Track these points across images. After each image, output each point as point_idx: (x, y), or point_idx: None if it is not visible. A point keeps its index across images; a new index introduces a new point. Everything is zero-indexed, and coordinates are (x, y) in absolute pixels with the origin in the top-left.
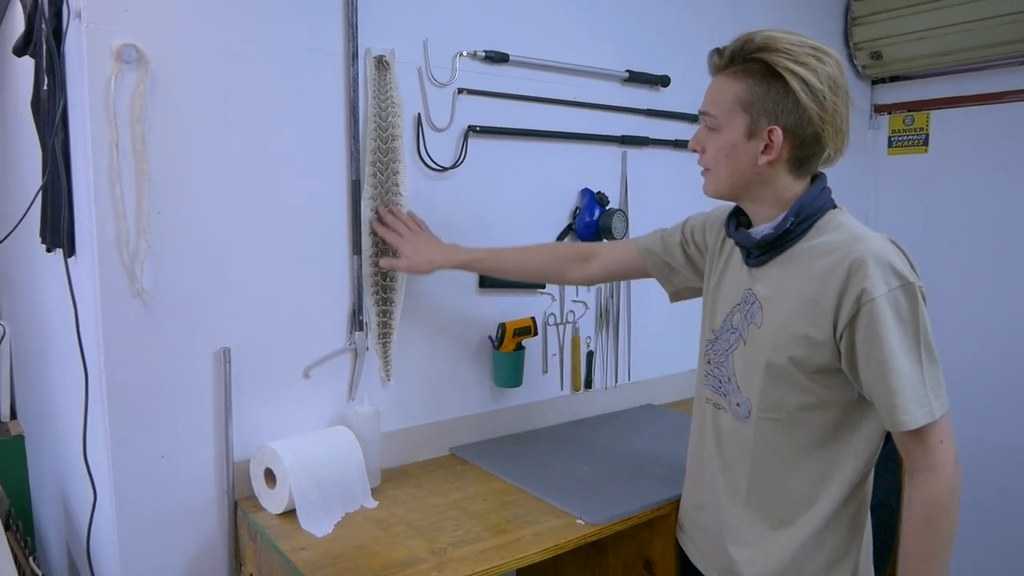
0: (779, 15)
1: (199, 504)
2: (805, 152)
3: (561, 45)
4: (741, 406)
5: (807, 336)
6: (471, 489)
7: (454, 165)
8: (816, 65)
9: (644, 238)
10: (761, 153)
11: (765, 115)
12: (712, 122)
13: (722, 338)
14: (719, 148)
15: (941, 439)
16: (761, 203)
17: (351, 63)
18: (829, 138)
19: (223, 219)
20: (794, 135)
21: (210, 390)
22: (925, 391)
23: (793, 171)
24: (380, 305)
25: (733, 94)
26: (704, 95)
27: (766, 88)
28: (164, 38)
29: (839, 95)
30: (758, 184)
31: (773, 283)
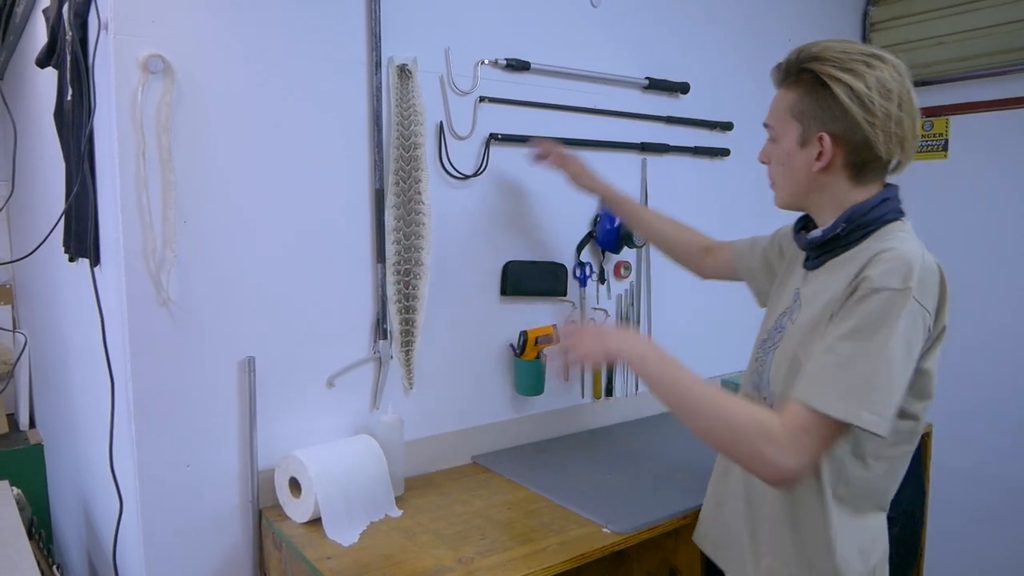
0: (797, 22)
1: (224, 513)
2: (859, 158)
3: (581, 53)
4: (767, 401)
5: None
6: (495, 498)
7: (476, 173)
8: (864, 71)
9: (738, 242)
10: (815, 160)
11: (815, 123)
12: (772, 133)
13: (771, 338)
14: (778, 158)
15: (806, 428)
16: (822, 211)
17: (374, 72)
18: (881, 143)
19: (248, 228)
20: (845, 141)
21: (235, 399)
22: (844, 388)
23: (853, 178)
24: (403, 314)
25: (786, 104)
26: None
27: (814, 97)
28: (190, 49)
29: (891, 99)
30: (817, 192)
31: (818, 285)
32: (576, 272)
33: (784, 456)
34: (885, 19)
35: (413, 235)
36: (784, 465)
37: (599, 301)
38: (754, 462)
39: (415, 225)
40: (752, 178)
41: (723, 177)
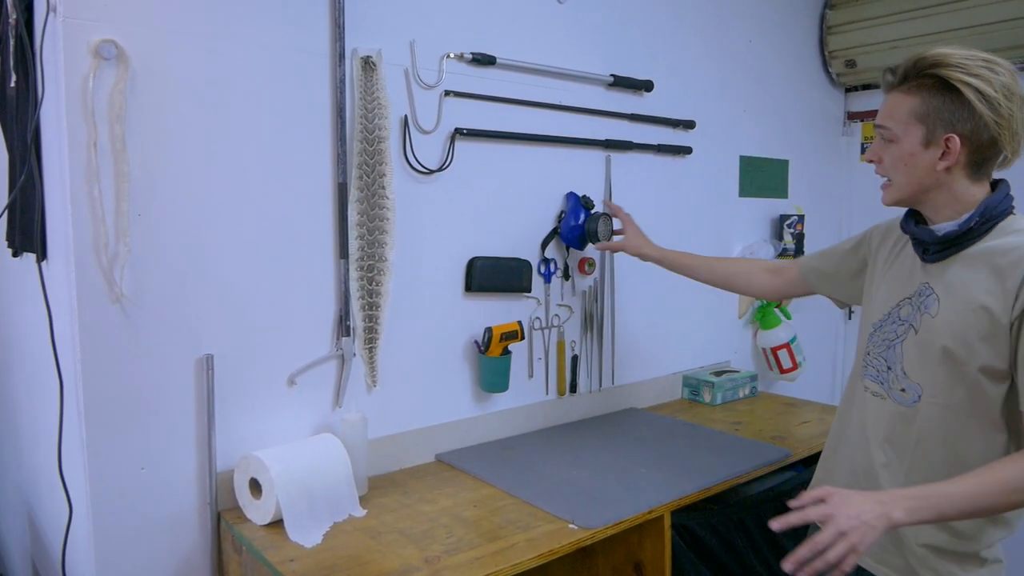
0: (758, 23)
1: (181, 516)
2: (982, 156)
3: (547, 49)
4: (908, 391)
5: (989, 310)
6: (461, 496)
7: (440, 168)
8: (989, 76)
9: (805, 258)
10: (939, 160)
11: (941, 125)
12: (888, 134)
13: (886, 329)
14: (897, 158)
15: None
16: (940, 206)
17: (338, 63)
18: (1006, 141)
19: (206, 222)
20: (971, 141)
21: (192, 398)
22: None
23: (971, 175)
24: (366, 310)
25: (909, 107)
26: (879, 110)
27: (941, 100)
28: (145, 35)
29: (1014, 101)
30: (936, 189)
31: (953, 277)
32: (540, 268)
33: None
34: (841, 23)
35: (377, 230)
36: None
37: (563, 298)
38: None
39: (379, 220)
40: (713, 176)
41: (685, 175)
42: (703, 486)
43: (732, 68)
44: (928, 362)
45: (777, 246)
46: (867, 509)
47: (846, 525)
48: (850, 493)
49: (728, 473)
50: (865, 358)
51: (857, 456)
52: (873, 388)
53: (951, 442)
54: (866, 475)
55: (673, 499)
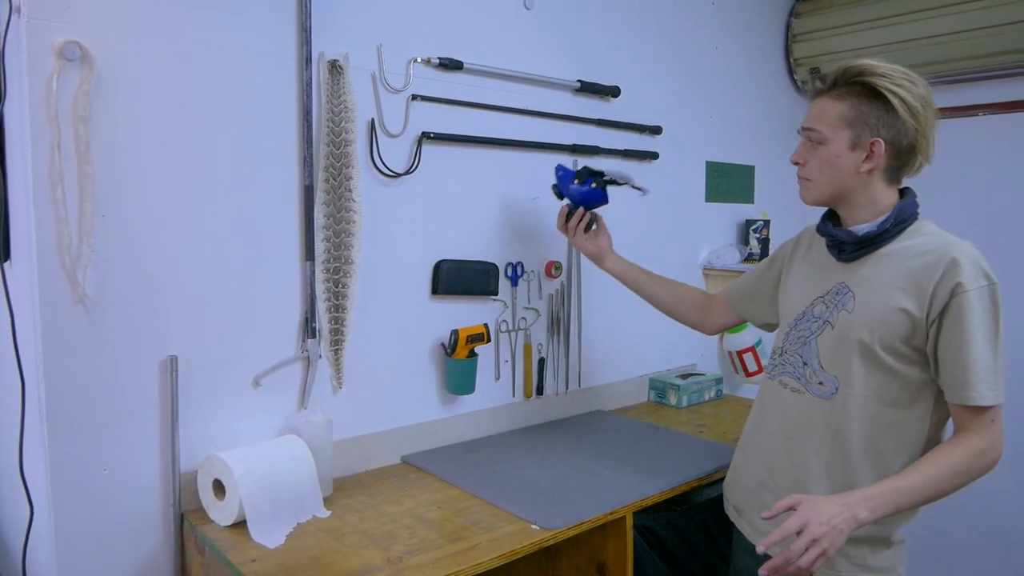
0: (723, 30)
1: (144, 517)
2: (901, 161)
3: (514, 54)
4: (825, 384)
5: (907, 312)
6: (425, 497)
7: (408, 171)
8: (910, 86)
9: (728, 288)
10: (863, 162)
11: (867, 129)
12: (817, 136)
13: (801, 327)
14: (823, 160)
15: (993, 419)
16: (858, 207)
17: (304, 67)
18: (922, 148)
19: (171, 223)
20: (893, 146)
21: (156, 400)
22: (993, 378)
23: (888, 179)
24: (333, 312)
25: (838, 112)
26: (807, 114)
27: (868, 106)
28: (110, 36)
29: (929, 111)
30: (856, 191)
31: (868, 274)
32: (507, 271)
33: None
34: (807, 31)
35: (343, 233)
36: (996, 459)
37: (530, 300)
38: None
39: (345, 223)
40: (680, 181)
41: (652, 179)
42: (665, 487)
43: (699, 74)
44: (844, 355)
45: (743, 251)
46: (836, 513)
47: (818, 532)
48: (818, 499)
49: (690, 475)
50: (782, 356)
51: (776, 449)
52: (792, 384)
53: (867, 431)
54: (782, 468)
55: (634, 500)
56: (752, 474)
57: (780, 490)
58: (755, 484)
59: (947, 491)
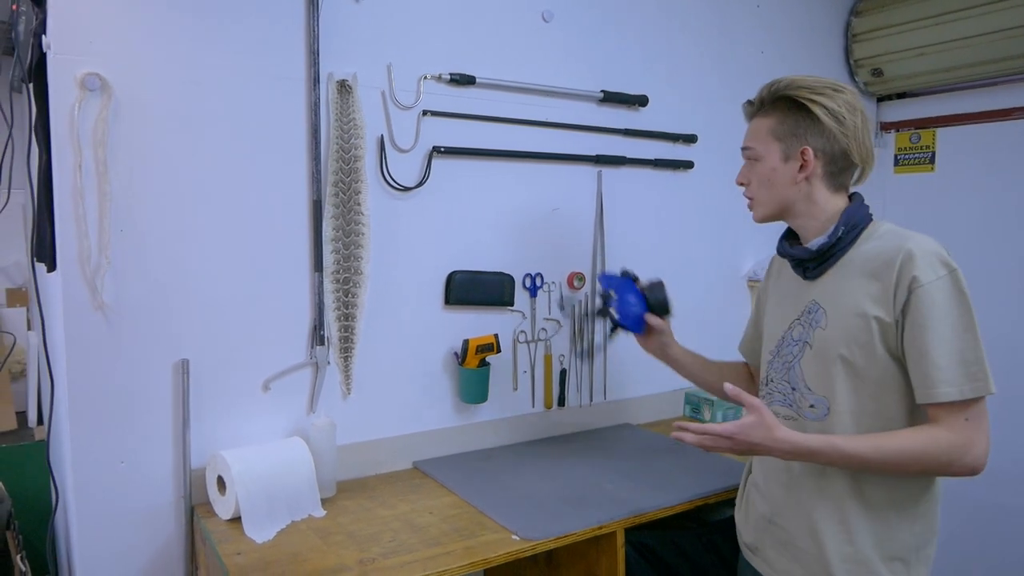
0: (775, 33)
1: (158, 508)
2: (837, 167)
3: (532, 67)
4: (817, 406)
5: (877, 316)
6: (421, 503)
7: (418, 185)
8: (833, 94)
9: (741, 349)
10: (798, 172)
11: (796, 139)
12: (752, 154)
13: (783, 353)
14: (761, 176)
15: (968, 417)
16: (808, 218)
17: (313, 87)
18: (855, 151)
19: (185, 237)
20: (824, 153)
21: (169, 400)
22: (969, 367)
23: (830, 186)
24: (342, 321)
25: (767, 128)
26: (745, 135)
27: (794, 118)
28: (128, 67)
29: (857, 115)
30: (800, 201)
31: (833, 287)
32: (526, 283)
33: (971, 458)
34: (867, 30)
35: (352, 244)
36: (975, 464)
37: (550, 311)
38: (950, 473)
39: (354, 235)
40: (718, 190)
41: (687, 190)
42: (664, 504)
43: (742, 80)
44: (828, 373)
45: None
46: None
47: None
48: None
49: (694, 493)
50: (768, 386)
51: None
52: (784, 412)
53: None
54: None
55: (626, 516)
56: (759, 509)
57: (790, 526)
58: (764, 523)
59: (896, 473)
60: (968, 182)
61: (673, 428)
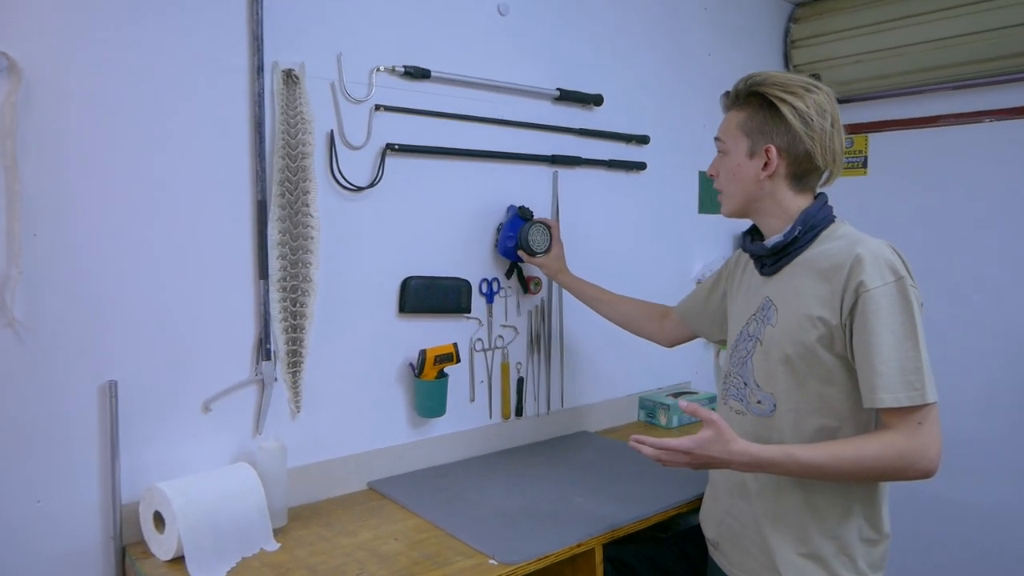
0: (718, 37)
1: (82, 551)
2: (801, 168)
3: (488, 62)
4: (763, 402)
5: (823, 319)
6: (384, 528)
7: (370, 184)
8: (804, 94)
9: (681, 301)
10: (761, 169)
11: (762, 136)
12: (722, 147)
13: (739, 348)
14: (728, 169)
15: (919, 421)
16: (770, 216)
17: (256, 77)
18: (819, 155)
19: (110, 241)
20: (788, 152)
21: (95, 427)
22: (907, 376)
23: (793, 187)
24: (289, 332)
25: (737, 122)
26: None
27: (763, 115)
28: (41, 45)
29: (826, 118)
30: (763, 199)
31: (786, 285)
32: (482, 288)
33: (924, 462)
34: (805, 36)
35: (301, 249)
36: (929, 465)
37: (507, 318)
38: (905, 477)
39: (303, 239)
40: (670, 191)
41: (639, 191)
42: (639, 517)
43: (690, 82)
44: (774, 371)
45: None
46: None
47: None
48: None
49: (667, 502)
50: (726, 379)
51: (734, 477)
52: (736, 407)
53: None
54: (740, 488)
55: (604, 532)
56: (719, 505)
57: (744, 518)
58: (723, 514)
59: (853, 479)
60: (899, 186)
61: (630, 440)
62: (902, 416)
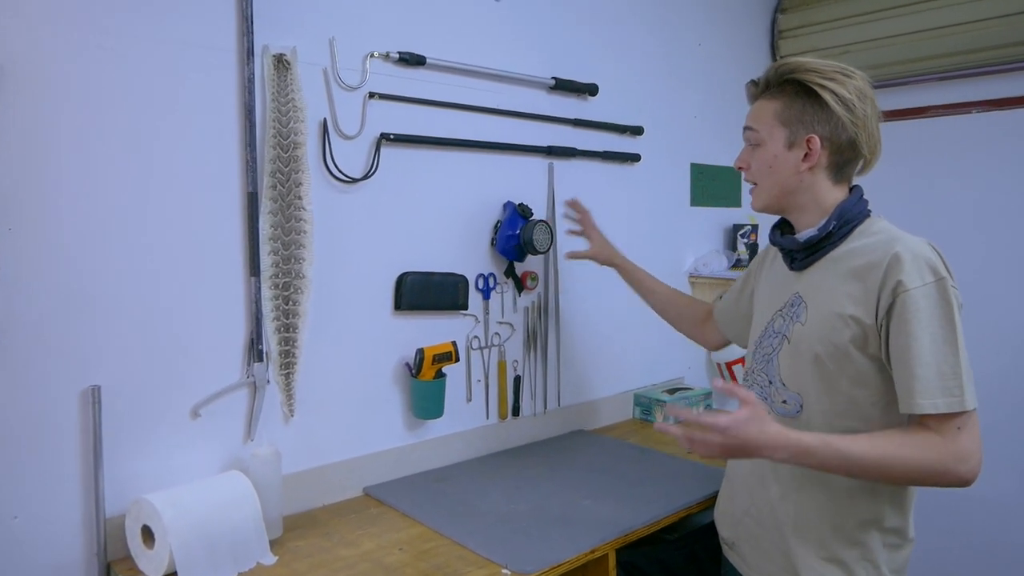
0: (706, 27)
1: (63, 570)
2: (843, 158)
3: (483, 49)
4: (789, 402)
5: (856, 318)
6: (386, 537)
7: (365, 176)
8: (843, 80)
9: (716, 309)
10: (802, 161)
11: (802, 126)
12: (755, 137)
13: (764, 344)
14: (763, 162)
15: (959, 426)
16: (805, 211)
17: (246, 61)
18: (863, 142)
19: (92, 237)
20: (831, 142)
21: (76, 436)
22: (945, 381)
23: (832, 178)
24: (282, 332)
25: (772, 111)
26: (747, 117)
27: (801, 103)
28: (16, 28)
29: (867, 104)
30: (801, 192)
31: (818, 282)
32: (479, 284)
33: (964, 466)
34: (793, 27)
35: (293, 244)
36: (968, 473)
37: (503, 315)
38: (944, 482)
39: (295, 233)
40: (663, 184)
41: (633, 183)
42: (650, 519)
43: (683, 72)
44: (803, 370)
45: (731, 257)
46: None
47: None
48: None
49: (678, 504)
50: (749, 376)
51: (755, 476)
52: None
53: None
54: (759, 487)
55: (617, 536)
56: (737, 504)
57: (763, 519)
58: (740, 514)
59: (890, 479)
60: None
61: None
62: (940, 422)
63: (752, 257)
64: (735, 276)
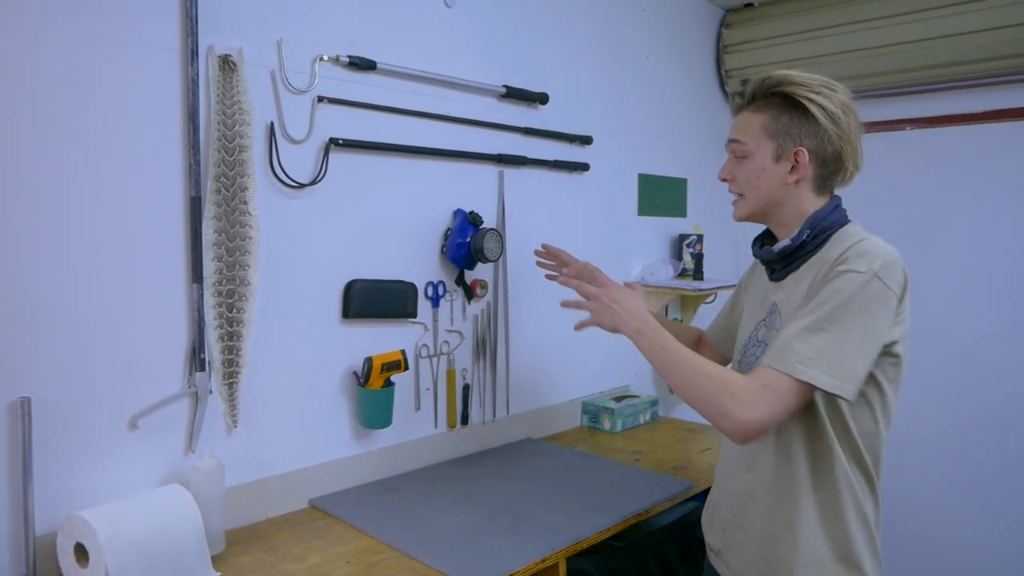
0: (654, 39)
1: None
2: (828, 170)
3: (435, 55)
4: None
5: None
6: (333, 550)
7: (313, 181)
8: (829, 93)
9: (711, 326)
10: (789, 173)
11: (790, 139)
12: (741, 150)
13: (748, 353)
14: (750, 173)
15: (767, 383)
16: (787, 222)
17: (190, 61)
18: (848, 155)
19: (19, 242)
20: (817, 155)
21: (4, 450)
22: (789, 344)
23: (816, 190)
24: (225, 341)
25: (759, 123)
26: (731, 129)
27: (789, 116)
28: None
29: (851, 117)
30: (784, 204)
31: (791, 290)
32: (428, 292)
33: (743, 410)
34: (737, 42)
35: (238, 250)
36: (742, 417)
37: (453, 323)
38: (717, 415)
39: (240, 239)
40: (611, 193)
41: (582, 192)
42: (600, 527)
43: (631, 83)
44: None
45: (676, 266)
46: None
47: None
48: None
49: (627, 511)
50: None
51: (739, 484)
52: None
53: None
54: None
55: (568, 544)
56: (722, 512)
57: (751, 527)
58: (726, 523)
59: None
60: None
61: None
62: (760, 371)
63: (697, 267)
64: (682, 285)
